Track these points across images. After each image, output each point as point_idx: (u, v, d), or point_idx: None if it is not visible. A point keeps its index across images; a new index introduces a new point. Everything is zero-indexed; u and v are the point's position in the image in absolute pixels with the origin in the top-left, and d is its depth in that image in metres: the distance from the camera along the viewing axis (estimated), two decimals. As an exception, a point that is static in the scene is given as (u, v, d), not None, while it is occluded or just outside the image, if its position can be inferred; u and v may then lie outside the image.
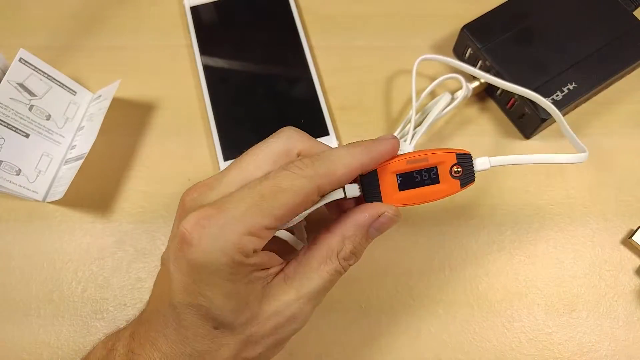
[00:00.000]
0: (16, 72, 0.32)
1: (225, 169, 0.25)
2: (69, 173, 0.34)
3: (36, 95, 0.34)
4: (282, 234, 0.26)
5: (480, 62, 0.37)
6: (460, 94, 0.35)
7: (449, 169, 0.25)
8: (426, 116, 0.36)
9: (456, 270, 0.33)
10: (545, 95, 0.34)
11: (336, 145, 0.36)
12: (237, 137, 0.36)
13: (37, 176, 0.34)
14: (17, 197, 0.35)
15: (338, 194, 0.25)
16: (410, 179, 0.25)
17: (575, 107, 0.37)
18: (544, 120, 0.34)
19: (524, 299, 0.33)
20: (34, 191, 0.34)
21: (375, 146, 0.25)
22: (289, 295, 0.24)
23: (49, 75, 0.34)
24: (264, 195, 0.22)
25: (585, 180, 0.36)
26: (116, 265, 0.34)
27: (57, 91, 0.35)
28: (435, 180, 0.25)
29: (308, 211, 0.24)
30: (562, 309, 0.33)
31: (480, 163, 0.26)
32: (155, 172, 0.36)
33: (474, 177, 0.26)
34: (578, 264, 0.34)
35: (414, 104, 0.34)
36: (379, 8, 0.41)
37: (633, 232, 0.33)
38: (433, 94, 0.36)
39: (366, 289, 0.33)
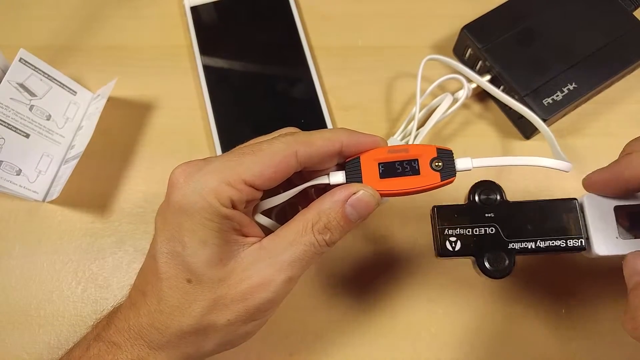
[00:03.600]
0: (16, 72, 0.32)
1: (223, 153, 0.26)
2: (66, 172, 0.34)
3: (36, 96, 0.34)
4: (264, 220, 0.26)
5: (480, 62, 0.37)
6: (463, 96, 0.35)
7: (429, 162, 0.26)
8: (428, 117, 0.35)
9: (456, 271, 0.33)
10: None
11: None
12: (237, 137, 0.36)
13: (37, 176, 0.34)
14: (17, 197, 0.35)
15: (322, 180, 0.26)
16: (392, 169, 0.26)
17: (575, 107, 0.37)
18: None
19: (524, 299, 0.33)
20: (34, 191, 0.34)
21: (359, 134, 0.26)
22: (261, 262, 0.24)
23: (49, 76, 0.34)
24: (244, 153, 0.24)
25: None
26: (116, 265, 0.34)
27: (57, 91, 0.35)
28: (416, 172, 0.26)
29: (291, 192, 0.25)
30: (562, 309, 0.33)
31: (462, 162, 0.26)
32: (155, 172, 0.36)
33: (455, 173, 0.26)
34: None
35: (418, 104, 0.34)
36: (379, 8, 0.41)
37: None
38: (432, 95, 0.36)
39: (366, 289, 0.33)
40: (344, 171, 0.26)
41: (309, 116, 0.37)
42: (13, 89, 0.32)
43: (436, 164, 0.26)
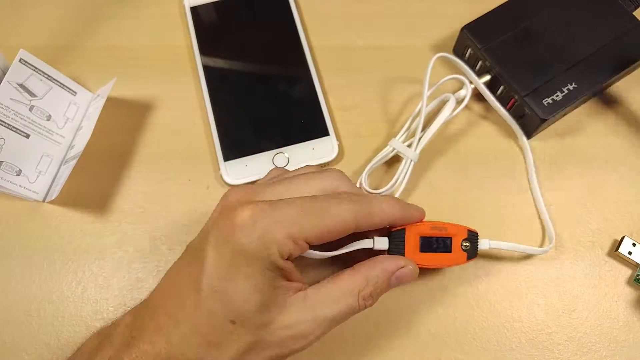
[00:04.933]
0: (16, 72, 0.32)
1: (271, 180, 0.28)
2: (66, 172, 0.34)
3: (36, 96, 0.34)
4: (311, 253, 0.27)
5: (480, 62, 0.37)
6: (466, 97, 0.35)
7: (460, 242, 0.29)
8: (432, 120, 0.35)
9: (456, 271, 0.33)
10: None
11: (336, 145, 0.36)
12: (237, 137, 0.36)
13: (38, 176, 0.34)
14: (17, 197, 0.35)
15: (367, 243, 0.28)
16: (429, 244, 0.29)
17: (575, 107, 0.37)
18: (543, 121, 0.34)
19: (524, 299, 0.33)
20: (34, 191, 0.34)
21: (409, 208, 0.29)
22: (304, 314, 0.25)
23: (49, 76, 0.34)
24: (313, 212, 0.25)
25: (585, 180, 0.36)
26: (116, 265, 0.34)
27: (57, 91, 0.35)
28: (448, 249, 0.29)
29: (336, 252, 0.27)
30: (562, 309, 0.33)
31: (482, 243, 0.30)
32: (155, 172, 0.36)
33: (477, 254, 0.30)
34: (576, 266, 0.34)
35: (424, 103, 0.34)
36: (379, 8, 0.41)
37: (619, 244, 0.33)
38: (431, 96, 0.36)
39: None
40: (387, 239, 0.29)
41: (309, 116, 0.37)
42: (13, 89, 0.32)
43: (465, 244, 0.29)
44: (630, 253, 0.33)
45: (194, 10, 0.40)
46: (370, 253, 0.28)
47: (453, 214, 0.35)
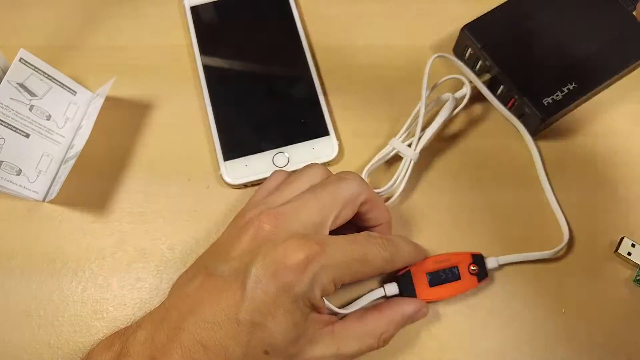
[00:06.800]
0: (16, 72, 0.32)
1: (286, 190, 0.29)
2: (65, 172, 0.34)
3: (36, 96, 0.34)
4: (330, 308, 0.28)
5: (480, 62, 0.37)
6: (466, 97, 0.35)
7: (467, 267, 0.31)
8: (432, 120, 0.35)
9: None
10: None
11: (336, 145, 0.36)
12: (237, 137, 0.36)
13: (38, 176, 0.34)
14: (17, 197, 0.35)
15: (379, 293, 0.31)
16: (438, 277, 0.31)
17: (576, 107, 0.37)
18: (543, 120, 0.34)
19: (524, 299, 0.33)
20: (34, 191, 0.34)
21: (421, 249, 0.32)
22: (329, 349, 0.26)
23: (49, 75, 0.34)
24: (355, 258, 0.26)
25: (584, 181, 0.36)
26: (116, 265, 0.34)
27: (57, 91, 0.35)
28: (457, 277, 0.31)
29: (352, 310, 0.29)
30: (562, 309, 0.33)
31: (490, 262, 0.32)
32: (155, 172, 0.36)
33: (487, 274, 0.31)
34: (576, 266, 0.34)
35: (424, 103, 0.34)
36: (379, 8, 0.41)
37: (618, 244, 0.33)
38: (431, 96, 0.36)
39: (365, 289, 0.33)
40: (396, 283, 0.31)
41: (309, 116, 0.37)
42: (13, 89, 0.32)
43: (472, 268, 0.31)
44: (629, 254, 0.33)
45: (194, 10, 0.40)
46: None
47: (453, 213, 0.35)
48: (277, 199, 0.28)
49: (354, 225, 0.31)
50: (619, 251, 0.33)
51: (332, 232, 0.28)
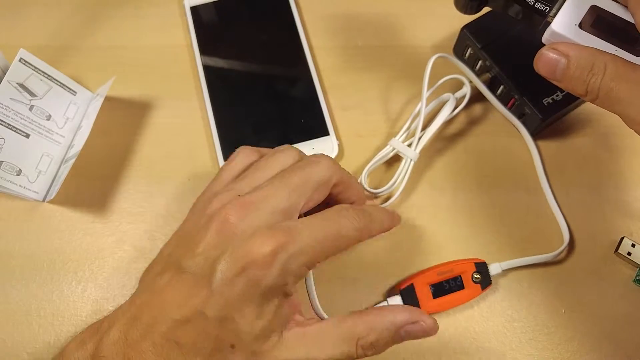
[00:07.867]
0: (16, 72, 0.32)
1: (264, 169, 0.27)
2: (64, 172, 0.34)
3: (36, 96, 0.34)
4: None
5: (480, 62, 0.37)
6: (466, 96, 0.35)
7: (470, 276, 0.31)
8: (432, 120, 0.35)
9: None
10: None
11: (336, 145, 0.36)
12: (237, 137, 0.36)
13: (38, 176, 0.34)
14: (17, 197, 0.35)
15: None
16: (441, 288, 0.31)
17: (576, 106, 0.37)
18: (543, 120, 0.34)
19: (524, 299, 0.33)
20: (34, 191, 0.34)
21: (396, 216, 0.30)
22: (298, 353, 0.25)
23: (49, 76, 0.34)
24: (327, 237, 0.25)
25: (584, 181, 0.36)
26: (116, 265, 0.34)
27: (57, 91, 0.35)
28: (461, 287, 0.31)
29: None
30: (562, 309, 0.33)
31: (493, 268, 0.32)
32: (155, 172, 0.36)
33: (491, 281, 0.32)
34: (576, 267, 0.34)
35: (424, 106, 0.34)
36: (379, 8, 0.41)
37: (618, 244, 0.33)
38: (431, 96, 0.36)
39: (366, 289, 0.33)
40: (399, 296, 0.31)
41: (309, 116, 0.37)
42: (13, 89, 0.32)
43: (475, 276, 0.31)
44: (629, 254, 0.33)
45: (194, 10, 0.40)
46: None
47: (453, 213, 0.35)
48: (244, 185, 0.27)
49: (328, 205, 0.29)
50: (619, 251, 0.33)
51: (305, 213, 0.27)
